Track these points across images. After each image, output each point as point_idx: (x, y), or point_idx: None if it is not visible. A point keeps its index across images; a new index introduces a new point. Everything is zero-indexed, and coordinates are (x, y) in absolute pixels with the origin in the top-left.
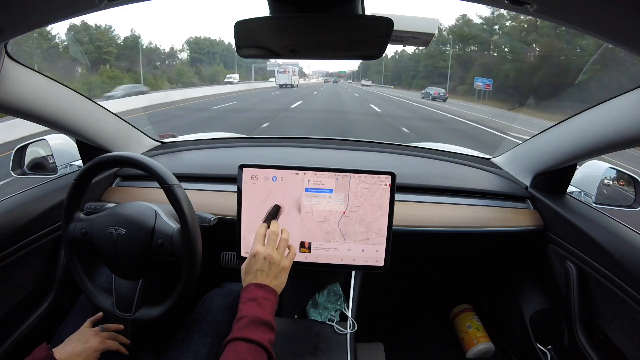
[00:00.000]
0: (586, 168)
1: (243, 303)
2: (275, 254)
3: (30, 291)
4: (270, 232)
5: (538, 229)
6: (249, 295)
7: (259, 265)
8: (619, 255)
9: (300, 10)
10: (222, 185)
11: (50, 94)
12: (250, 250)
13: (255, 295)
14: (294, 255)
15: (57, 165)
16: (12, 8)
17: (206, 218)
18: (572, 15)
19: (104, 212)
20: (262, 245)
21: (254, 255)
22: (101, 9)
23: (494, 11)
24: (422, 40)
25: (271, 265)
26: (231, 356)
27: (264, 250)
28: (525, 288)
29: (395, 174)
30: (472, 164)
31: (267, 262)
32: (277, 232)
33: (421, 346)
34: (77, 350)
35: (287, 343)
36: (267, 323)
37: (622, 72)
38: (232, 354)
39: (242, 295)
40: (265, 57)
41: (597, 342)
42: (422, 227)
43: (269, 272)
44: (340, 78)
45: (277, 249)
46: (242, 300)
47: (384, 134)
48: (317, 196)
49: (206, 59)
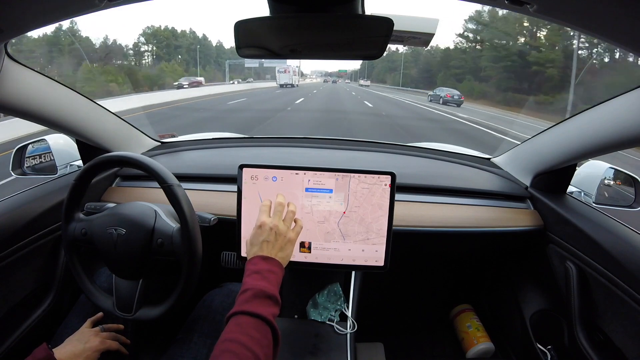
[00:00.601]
0: (586, 168)
1: (247, 275)
2: (282, 225)
3: (30, 291)
4: (277, 203)
5: (538, 229)
6: (253, 267)
7: (265, 236)
8: (619, 255)
9: (300, 10)
10: (222, 185)
11: (50, 94)
12: (256, 222)
13: (260, 268)
14: (301, 228)
15: (57, 165)
16: (12, 8)
17: (206, 218)
18: (572, 15)
19: (104, 212)
20: (268, 216)
21: (260, 226)
22: (101, 9)
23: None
24: (422, 40)
25: (277, 236)
26: (234, 330)
27: (270, 221)
28: (525, 288)
29: (395, 174)
30: (472, 164)
31: (273, 232)
32: (284, 203)
33: (421, 346)
34: (77, 350)
35: (287, 343)
36: (272, 296)
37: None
38: (236, 328)
39: (247, 268)
40: (265, 57)
41: (597, 342)
42: (422, 227)
43: (275, 243)
44: (340, 78)
45: (284, 221)
46: (246, 273)
47: (373, 122)
48: (317, 196)
49: (166, 54)
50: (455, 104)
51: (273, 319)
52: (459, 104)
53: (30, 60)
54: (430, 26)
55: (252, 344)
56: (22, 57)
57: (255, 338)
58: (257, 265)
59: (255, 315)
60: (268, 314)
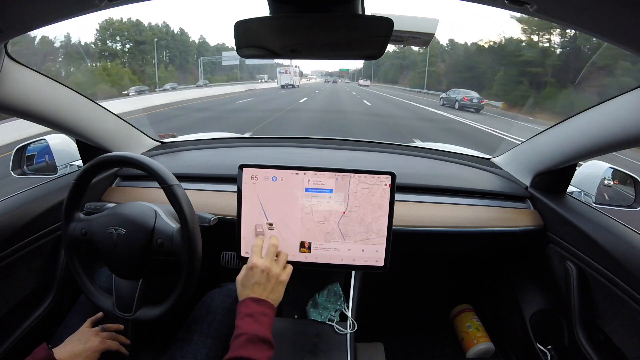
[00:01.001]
0: (586, 168)
1: (240, 319)
2: (274, 267)
3: (30, 291)
4: (270, 244)
5: (538, 229)
6: (246, 310)
7: (257, 278)
8: (619, 255)
9: (300, 10)
10: (222, 185)
11: (50, 94)
12: (248, 262)
13: (253, 311)
14: (291, 270)
15: (57, 165)
16: (12, 8)
17: (206, 218)
18: (572, 15)
19: (104, 212)
20: (260, 258)
21: (252, 267)
22: (101, 9)
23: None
24: (422, 40)
25: (269, 278)
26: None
27: (262, 262)
28: (525, 288)
29: (395, 174)
30: (472, 164)
31: (265, 274)
32: (277, 245)
33: (421, 346)
34: (77, 350)
35: (287, 343)
36: (266, 340)
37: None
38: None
39: (239, 310)
40: (265, 57)
41: (597, 342)
42: (422, 227)
43: (267, 285)
44: (341, 78)
45: (276, 262)
46: (239, 316)
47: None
48: (317, 196)
49: (123, 53)
50: (474, 109)
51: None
52: (479, 109)
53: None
54: (430, 26)
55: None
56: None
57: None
58: (249, 307)
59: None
60: (263, 358)
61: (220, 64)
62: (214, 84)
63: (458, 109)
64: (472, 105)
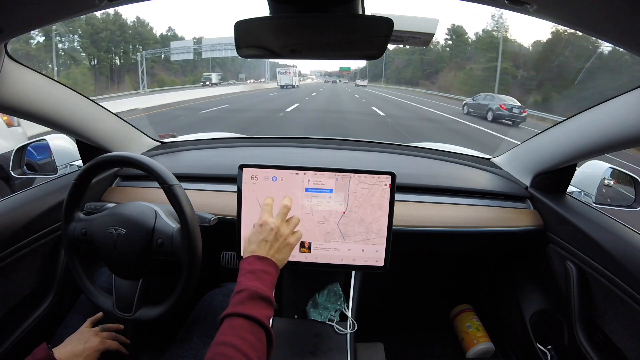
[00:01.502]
0: (586, 168)
1: (242, 274)
2: (283, 228)
3: (30, 291)
4: (282, 205)
5: (538, 229)
6: (248, 267)
7: (265, 235)
8: (619, 255)
9: (300, 10)
10: (222, 185)
11: (50, 94)
12: (258, 220)
13: (255, 268)
14: (301, 236)
15: (57, 165)
16: (12, 8)
17: (206, 218)
18: (572, 15)
19: (104, 212)
20: (270, 216)
21: (261, 224)
22: (101, 8)
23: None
24: (422, 40)
25: (277, 237)
26: (228, 332)
27: (273, 221)
28: (525, 288)
29: (395, 174)
30: (472, 164)
31: (273, 233)
32: (289, 206)
33: (421, 346)
34: (77, 350)
35: (287, 343)
36: (266, 298)
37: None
38: (229, 330)
39: (242, 267)
40: (266, 57)
41: (597, 342)
42: (422, 227)
43: (273, 244)
44: (341, 78)
45: (287, 224)
46: (240, 272)
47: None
48: (317, 196)
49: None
50: (513, 121)
51: (267, 321)
52: (519, 121)
53: None
54: (430, 26)
55: (245, 347)
56: None
57: (248, 341)
58: (251, 264)
59: (249, 318)
60: (262, 316)
61: (197, 60)
62: (162, 90)
63: (491, 120)
64: (512, 116)
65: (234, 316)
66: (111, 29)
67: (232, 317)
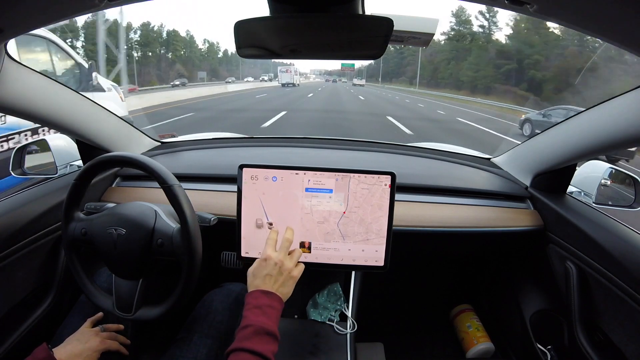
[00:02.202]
0: (586, 168)
1: (248, 309)
2: (287, 262)
3: (30, 291)
4: (285, 239)
5: (538, 229)
6: (254, 301)
7: (269, 270)
8: (619, 255)
9: (300, 10)
10: (222, 185)
11: (50, 94)
12: (262, 254)
13: (261, 303)
14: (302, 269)
15: (57, 165)
16: (12, 8)
17: (206, 218)
18: (572, 15)
19: (104, 212)
20: (274, 250)
21: (265, 259)
22: (101, 8)
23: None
24: (422, 40)
25: (281, 271)
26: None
27: (277, 255)
28: (525, 288)
29: (395, 174)
30: (472, 164)
31: (277, 267)
32: (291, 240)
33: (421, 346)
34: (77, 350)
35: (287, 343)
36: (272, 334)
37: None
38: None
39: (247, 301)
40: (266, 57)
41: (597, 342)
42: (422, 227)
43: (278, 278)
44: (343, 77)
45: (290, 257)
46: (247, 307)
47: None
48: (317, 196)
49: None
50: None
51: (272, 356)
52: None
53: None
54: (430, 26)
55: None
56: None
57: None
58: (258, 299)
59: (255, 353)
60: (268, 352)
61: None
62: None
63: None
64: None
65: (241, 351)
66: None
67: (238, 352)
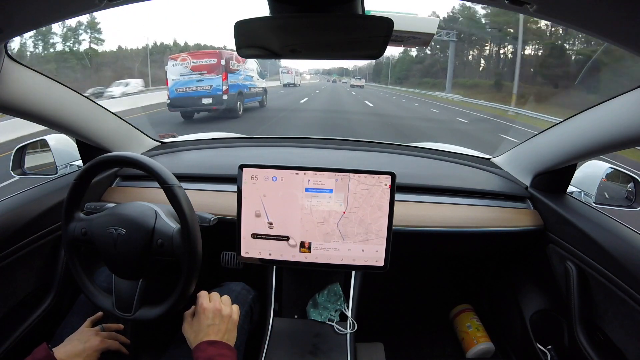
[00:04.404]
0: (586, 168)
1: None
2: (225, 308)
3: (30, 291)
4: (213, 293)
5: (538, 229)
6: (203, 355)
7: (210, 320)
8: (619, 255)
9: (300, 10)
10: (222, 185)
11: (50, 94)
12: (197, 308)
13: (210, 354)
14: (238, 310)
15: (57, 165)
16: (12, 8)
17: (206, 218)
18: (572, 15)
19: (104, 212)
20: (208, 302)
21: (202, 311)
22: (101, 8)
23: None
24: (422, 40)
25: (223, 318)
26: None
27: (212, 305)
28: (525, 288)
29: (395, 174)
30: (472, 164)
31: (218, 315)
32: (219, 294)
33: (421, 346)
34: (77, 350)
35: (287, 343)
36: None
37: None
38: None
39: (196, 356)
40: (265, 57)
41: (597, 342)
42: (422, 227)
43: (221, 326)
44: (341, 76)
45: (224, 303)
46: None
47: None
48: (317, 196)
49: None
50: None
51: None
52: None
53: None
54: (430, 26)
55: None
56: None
57: None
58: (205, 351)
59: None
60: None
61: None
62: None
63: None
64: None
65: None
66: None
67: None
